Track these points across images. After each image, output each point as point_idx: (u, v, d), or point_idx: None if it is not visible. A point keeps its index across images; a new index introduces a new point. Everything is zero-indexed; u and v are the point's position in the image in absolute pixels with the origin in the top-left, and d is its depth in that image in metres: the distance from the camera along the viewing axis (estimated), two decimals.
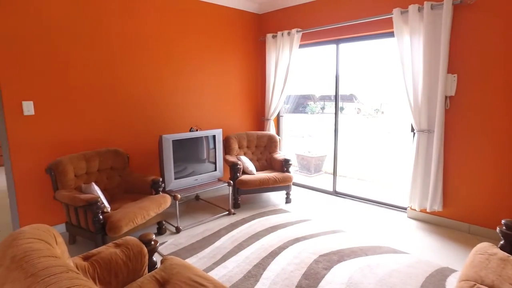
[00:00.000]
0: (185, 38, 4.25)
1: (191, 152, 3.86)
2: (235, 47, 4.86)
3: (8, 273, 1.13)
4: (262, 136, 4.70)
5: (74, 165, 3.11)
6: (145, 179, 3.35)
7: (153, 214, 3.06)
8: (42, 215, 3.33)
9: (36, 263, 1.16)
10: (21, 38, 3.07)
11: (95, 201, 2.70)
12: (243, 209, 4.08)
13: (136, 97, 3.87)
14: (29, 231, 1.40)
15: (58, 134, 3.35)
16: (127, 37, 3.73)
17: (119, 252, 1.88)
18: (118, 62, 3.69)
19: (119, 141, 3.77)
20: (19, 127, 3.12)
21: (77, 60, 3.41)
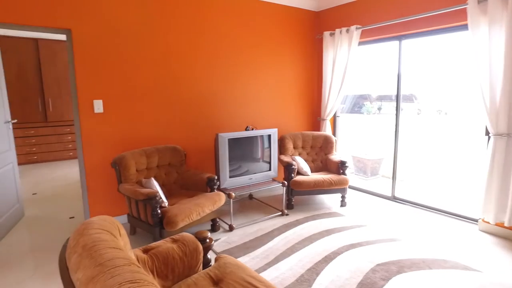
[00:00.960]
0: (242, 38, 4.28)
1: (246, 151, 3.88)
2: (292, 45, 4.79)
3: (81, 260, 1.20)
4: (317, 137, 4.59)
5: (135, 160, 3.29)
6: (201, 177, 3.43)
7: (208, 211, 3.12)
8: (107, 206, 3.58)
9: (103, 253, 1.21)
10: (94, 44, 3.32)
11: (154, 196, 2.82)
12: (297, 211, 4.01)
13: (194, 96, 3.99)
14: (97, 222, 1.48)
15: (123, 130, 3.57)
16: (186, 38, 3.85)
17: (176, 247, 1.93)
18: (178, 63, 3.83)
19: (177, 138, 3.91)
20: (90, 123, 3.39)
21: (141, 62, 3.60)
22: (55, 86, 6.69)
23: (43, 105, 6.60)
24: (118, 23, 3.43)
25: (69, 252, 1.33)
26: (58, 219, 3.87)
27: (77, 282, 1.17)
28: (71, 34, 3.25)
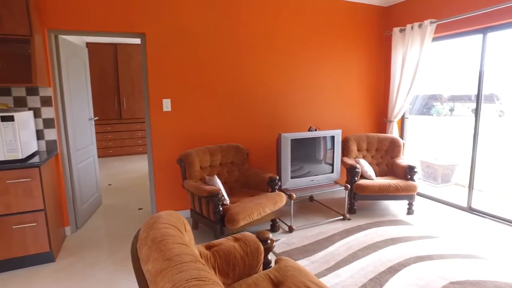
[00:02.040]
0: (306, 37, 4.21)
1: (308, 152, 3.81)
2: (357, 43, 4.59)
3: (150, 252, 1.26)
4: (383, 139, 4.34)
5: (200, 158, 3.40)
6: (262, 176, 3.45)
7: (269, 211, 3.12)
8: (172, 200, 3.77)
9: (171, 248, 1.26)
10: (164, 46, 3.52)
11: (216, 193, 2.89)
12: (359, 216, 3.83)
13: (258, 96, 4.02)
14: (165, 217, 1.55)
15: (188, 128, 3.73)
16: (250, 39, 3.89)
17: (238, 246, 1.94)
18: (243, 63, 3.89)
19: (239, 137, 3.98)
20: (159, 121, 3.60)
21: (208, 63, 3.73)
22: (129, 86, 7.26)
23: (118, 103, 7.20)
24: (186, 26, 3.58)
25: (140, 243, 1.40)
26: (129, 209, 4.17)
27: (147, 273, 1.22)
28: (145, 38, 3.48)
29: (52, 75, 3.26)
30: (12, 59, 3.08)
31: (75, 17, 3.21)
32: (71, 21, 3.21)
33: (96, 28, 3.28)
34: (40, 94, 3.20)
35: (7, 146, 2.65)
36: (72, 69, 3.62)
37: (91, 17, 3.25)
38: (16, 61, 3.09)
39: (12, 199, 2.67)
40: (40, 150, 3.24)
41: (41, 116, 3.23)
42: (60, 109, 3.36)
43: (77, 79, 3.73)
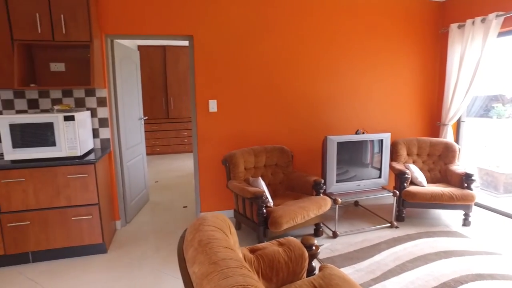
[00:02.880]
0: (353, 37, 4.06)
1: (355, 155, 3.67)
2: (408, 41, 4.34)
3: (197, 255, 1.27)
4: (436, 144, 4.07)
5: (244, 159, 3.42)
6: (307, 179, 3.38)
7: (313, 215, 3.05)
8: (216, 199, 3.83)
9: (217, 252, 1.26)
10: (211, 48, 3.59)
11: (260, 195, 2.88)
12: (408, 224, 3.63)
13: (303, 97, 3.95)
14: (211, 219, 1.56)
15: (233, 129, 3.76)
16: (297, 39, 3.84)
17: (282, 251, 1.91)
18: (288, 65, 3.85)
19: (284, 139, 3.94)
20: (205, 121, 3.67)
21: (253, 64, 3.73)
22: (176, 86, 7.51)
23: (166, 103, 7.48)
24: (232, 29, 3.62)
25: (186, 245, 1.42)
26: (174, 207, 4.30)
27: (193, 275, 1.23)
28: (193, 40, 3.56)
29: (107, 77, 3.45)
30: (74, 63, 3.31)
31: (129, 23, 3.37)
32: (125, 26, 3.38)
33: (148, 32, 3.42)
34: (97, 95, 3.40)
35: (68, 143, 2.85)
36: (125, 71, 3.80)
37: (143, 22, 3.40)
38: (77, 65, 3.31)
39: (71, 193, 2.87)
40: (95, 147, 3.45)
41: (97, 116, 3.43)
42: (114, 109, 3.55)
43: (129, 81, 3.92)
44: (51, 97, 3.32)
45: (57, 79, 3.31)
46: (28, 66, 3.11)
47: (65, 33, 2.95)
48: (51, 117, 2.80)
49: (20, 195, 2.80)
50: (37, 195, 2.82)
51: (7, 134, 2.75)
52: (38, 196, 2.83)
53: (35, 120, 2.78)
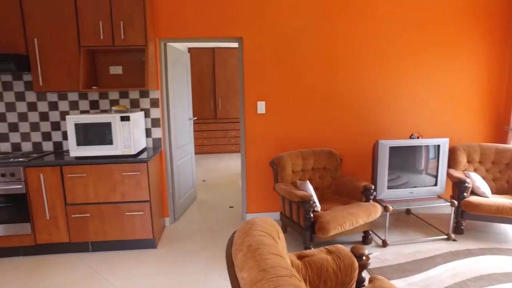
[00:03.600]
0: (407, 35, 3.83)
1: (408, 161, 3.47)
2: (472, 37, 4.00)
3: (246, 260, 1.26)
4: (504, 151, 3.71)
5: (292, 162, 3.37)
6: (356, 184, 3.26)
7: (362, 222, 2.93)
8: (262, 201, 3.83)
9: (266, 259, 1.24)
10: (260, 50, 3.59)
11: (308, 199, 2.82)
12: (468, 237, 3.35)
13: (353, 100, 3.82)
14: (260, 224, 1.54)
15: (281, 131, 3.74)
16: (346, 40, 3.71)
17: (331, 259, 1.85)
18: (338, 67, 3.74)
19: (333, 142, 3.84)
20: (253, 123, 3.69)
21: (302, 66, 3.68)
22: (224, 88, 7.66)
23: (214, 104, 7.66)
24: (281, 30, 3.59)
25: (235, 249, 1.41)
26: (221, 206, 4.37)
27: (242, 280, 1.22)
28: (242, 42, 3.59)
29: (160, 79, 3.59)
30: (130, 66, 3.49)
31: (181, 26, 3.49)
32: (178, 30, 3.50)
33: (199, 35, 3.51)
34: (150, 97, 3.55)
35: (124, 142, 3.01)
36: (176, 73, 3.94)
37: (195, 25, 3.49)
38: (133, 68, 3.49)
39: (126, 189, 3.03)
40: (147, 146, 3.61)
41: (150, 116, 3.58)
42: (166, 109, 3.69)
43: (180, 82, 4.05)
44: (110, 98, 3.53)
45: (115, 81, 3.51)
46: (91, 70, 3.34)
47: (123, 38, 3.12)
48: (109, 117, 2.98)
49: (82, 189, 3.01)
50: (96, 189, 3.02)
51: (73, 132, 2.97)
52: (97, 190, 3.02)
53: (95, 120, 2.97)
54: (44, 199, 3.01)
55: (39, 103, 3.50)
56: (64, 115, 3.53)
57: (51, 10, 3.05)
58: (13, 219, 3.02)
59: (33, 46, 3.09)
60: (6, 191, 2.98)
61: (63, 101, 3.51)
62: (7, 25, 3.04)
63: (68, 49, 3.12)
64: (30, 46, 3.09)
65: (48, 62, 3.12)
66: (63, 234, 3.09)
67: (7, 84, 3.45)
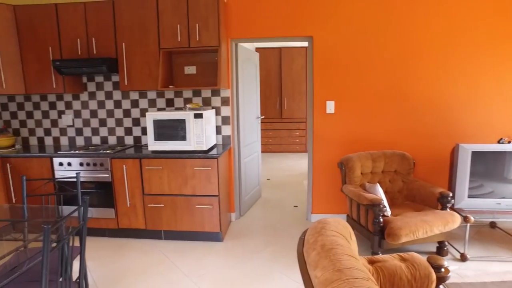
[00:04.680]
0: (493, 25, 3.44)
1: (494, 168, 3.13)
2: None
3: (319, 259, 1.25)
4: None
5: (361, 163, 3.26)
6: (431, 190, 3.03)
7: (437, 231, 2.72)
8: (328, 202, 3.76)
9: (341, 259, 1.21)
10: (330, 48, 3.52)
11: (378, 203, 2.70)
12: None
13: (430, 100, 3.55)
14: (333, 224, 1.52)
15: (350, 132, 3.63)
16: (423, 37, 3.46)
17: (405, 267, 1.75)
18: (411, 64, 3.50)
19: (405, 144, 3.62)
20: (321, 123, 3.63)
21: (374, 65, 3.52)
22: (290, 87, 7.66)
23: (280, 103, 7.71)
24: (353, 28, 3.48)
25: (308, 247, 1.41)
26: (285, 205, 4.39)
27: (315, 279, 1.22)
28: (312, 41, 3.55)
29: (231, 78, 3.72)
30: (203, 66, 3.67)
31: (252, 27, 3.58)
32: (248, 30, 3.59)
33: (269, 35, 3.57)
34: (221, 95, 3.70)
35: (196, 138, 3.18)
36: (246, 72, 4.04)
37: (265, 25, 3.55)
38: (206, 68, 3.67)
39: (197, 183, 3.19)
40: (217, 143, 3.76)
41: (220, 114, 3.73)
42: (235, 108, 3.80)
43: (249, 81, 4.15)
44: (184, 96, 3.76)
45: (189, 80, 3.72)
46: (168, 70, 3.58)
47: (198, 39, 3.29)
48: (184, 115, 3.17)
49: (158, 181, 3.25)
50: (170, 182, 3.23)
51: (151, 128, 3.22)
52: (171, 183, 3.23)
53: (172, 116, 3.19)
54: (126, 188, 3.31)
55: (123, 101, 3.86)
56: (144, 112, 3.84)
57: (137, 17, 3.34)
58: (101, 204, 3.38)
59: (121, 50, 3.41)
60: (97, 178, 3.34)
61: (143, 99, 3.82)
62: (103, 33, 3.41)
63: (149, 52, 3.39)
64: (119, 50, 3.41)
65: (132, 64, 3.42)
66: (140, 221, 3.37)
67: (99, 84, 3.86)
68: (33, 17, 3.48)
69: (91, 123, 3.95)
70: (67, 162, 3.36)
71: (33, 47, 3.53)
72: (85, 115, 3.95)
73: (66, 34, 3.47)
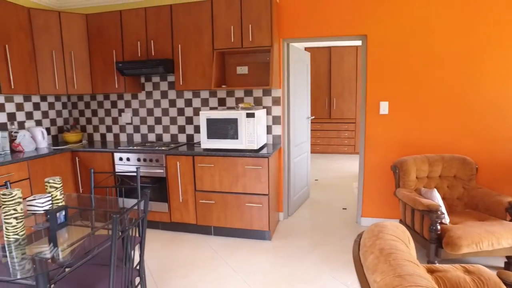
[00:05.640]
0: None
1: None
2: None
3: (378, 263, 1.22)
4: None
5: (417, 167, 3.10)
6: (498, 199, 2.80)
7: (506, 245, 2.50)
8: (379, 206, 3.63)
9: (402, 265, 1.17)
10: (385, 47, 3.39)
11: (435, 209, 2.55)
12: None
13: (494, 101, 3.27)
14: (391, 228, 1.47)
15: (405, 134, 3.46)
16: (488, 33, 3.19)
17: (470, 280, 1.64)
18: (476, 62, 3.24)
19: (466, 148, 3.37)
20: (374, 124, 3.51)
21: (432, 64, 3.32)
22: (340, 87, 7.49)
23: (328, 104, 7.57)
24: (410, 25, 3.31)
25: (365, 250, 1.38)
26: (333, 207, 4.30)
27: (374, 284, 1.18)
28: (366, 39, 3.45)
29: (282, 78, 3.73)
30: (254, 67, 3.72)
31: (303, 26, 3.55)
32: (300, 30, 3.57)
33: (321, 34, 3.52)
34: (272, 95, 3.72)
35: (248, 137, 3.23)
36: (297, 72, 4.02)
37: (317, 24, 3.51)
38: (257, 68, 3.71)
39: (247, 182, 3.25)
40: (267, 143, 3.79)
41: (271, 114, 3.76)
42: (286, 108, 3.81)
43: (300, 81, 4.13)
44: (235, 96, 3.83)
45: (241, 80, 3.79)
46: (221, 71, 3.68)
47: (251, 40, 3.34)
48: (237, 114, 3.23)
49: (209, 178, 3.35)
50: (221, 179, 3.32)
51: (205, 126, 3.33)
52: (222, 180, 3.32)
53: (224, 115, 3.27)
54: (179, 184, 3.46)
55: (177, 100, 4.03)
56: (196, 111, 3.99)
57: (192, 19, 3.47)
58: (156, 198, 3.56)
59: (177, 51, 3.56)
60: (152, 174, 3.53)
61: (196, 98, 3.97)
62: (161, 35, 3.59)
63: (203, 53, 3.50)
64: (175, 51, 3.57)
65: (187, 65, 3.56)
66: (191, 216, 3.50)
67: (156, 84, 4.07)
68: (101, 23, 3.76)
69: (147, 121, 4.18)
70: (126, 157, 3.59)
71: (99, 50, 3.82)
72: (142, 113, 4.19)
73: (128, 37, 3.70)
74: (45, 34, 3.62)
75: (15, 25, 3.38)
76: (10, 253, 1.58)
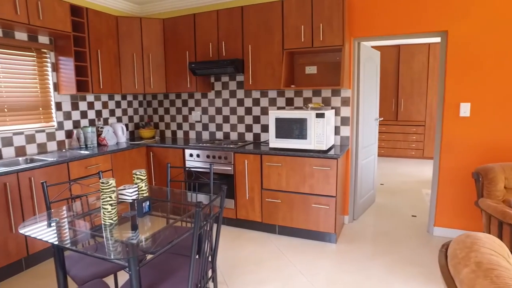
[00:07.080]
0: None
1: None
2: None
3: (476, 278, 1.13)
4: None
5: (506, 175, 2.82)
6: None
7: None
8: (455, 215, 3.37)
9: (509, 284, 1.07)
10: (468, 43, 3.12)
11: None
12: None
13: None
14: (486, 241, 1.35)
15: (490, 138, 3.16)
16: None
17: None
18: None
19: None
20: (453, 127, 3.27)
21: None
22: (409, 88, 7.07)
23: (396, 105, 7.19)
24: (498, 18, 3.00)
25: (456, 262, 1.29)
26: (401, 213, 4.09)
27: None
28: (446, 36, 3.21)
29: (352, 78, 3.63)
30: (323, 66, 3.67)
31: (376, 24, 3.41)
32: (372, 28, 3.44)
33: (395, 32, 3.35)
34: (341, 95, 3.64)
35: (317, 138, 3.20)
36: (367, 72, 3.89)
37: (391, 22, 3.35)
38: (326, 68, 3.66)
39: (314, 182, 3.22)
40: (335, 144, 3.72)
41: (339, 114, 3.68)
42: (355, 108, 3.70)
43: (369, 81, 3.98)
44: (303, 96, 3.82)
45: (309, 80, 3.76)
46: (290, 70, 3.69)
47: (322, 39, 3.30)
48: (306, 114, 3.22)
49: (276, 177, 3.39)
50: (288, 179, 3.34)
51: (273, 126, 3.37)
52: (289, 180, 3.33)
53: (294, 115, 3.28)
54: (246, 182, 3.54)
55: (245, 100, 4.13)
56: (264, 111, 4.05)
57: (263, 20, 3.53)
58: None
59: (247, 52, 3.65)
60: (220, 170, 3.66)
61: (264, 98, 4.03)
62: (232, 36, 3.71)
63: (273, 53, 3.54)
64: (245, 51, 3.66)
65: (257, 64, 3.63)
66: (257, 214, 3.56)
67: (225, 84, 4.21)
68: (176, 27, 4.00)
69: (216, 119, 4.35)
70: (196, 154, 3.77)
71: (174, 52, 4.06)
72: (211, 112, 4.36)
73: (200, 39, 3.88)
74: (128, 39, 3.95)
75: (106, 32, 3.75)
76: (105, 235, 1.75)
